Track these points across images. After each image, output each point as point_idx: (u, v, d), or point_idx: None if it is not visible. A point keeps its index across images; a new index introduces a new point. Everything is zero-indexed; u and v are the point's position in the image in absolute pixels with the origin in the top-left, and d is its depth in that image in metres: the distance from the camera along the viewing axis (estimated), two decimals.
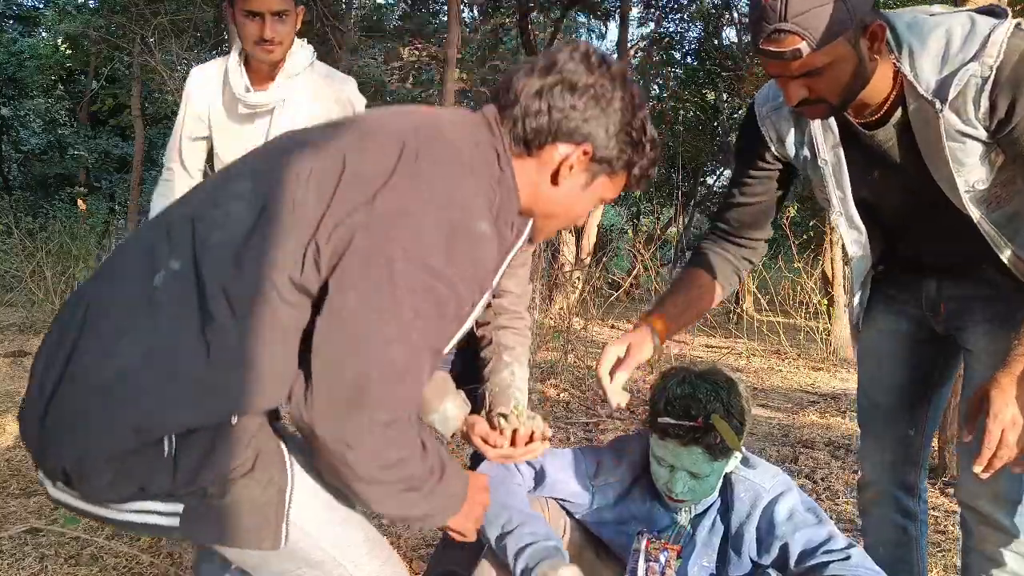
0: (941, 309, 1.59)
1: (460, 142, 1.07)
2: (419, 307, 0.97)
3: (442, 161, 1.03)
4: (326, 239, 0.98)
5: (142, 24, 8.32)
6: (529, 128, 1.10)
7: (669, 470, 1.55)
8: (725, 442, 1.49)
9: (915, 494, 1.74)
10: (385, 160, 1.01)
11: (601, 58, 1.13)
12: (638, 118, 1.14)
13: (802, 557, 1.51)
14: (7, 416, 3.69)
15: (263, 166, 1.08)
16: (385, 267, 0.96)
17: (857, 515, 2.85)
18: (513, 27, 12.33)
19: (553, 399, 4.72)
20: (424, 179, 1.00)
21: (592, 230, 10.36)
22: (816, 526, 1.53)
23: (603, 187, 1.17)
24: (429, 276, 0.97)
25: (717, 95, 13.51)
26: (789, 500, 1.57)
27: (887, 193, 1.52)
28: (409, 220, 0.98)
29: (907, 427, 1.70)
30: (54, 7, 13.12)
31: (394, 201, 0.98)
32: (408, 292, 0.96)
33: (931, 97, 1.31)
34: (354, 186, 0.99)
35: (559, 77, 1.10)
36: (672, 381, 1.56)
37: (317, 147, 1.05)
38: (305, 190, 1.00)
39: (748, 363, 6.62)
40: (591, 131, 1.11)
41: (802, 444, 3.88)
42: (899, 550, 1.74)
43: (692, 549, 1.62)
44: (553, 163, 1.12)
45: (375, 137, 1.05)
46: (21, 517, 2.61)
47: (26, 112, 15.76)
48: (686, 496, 1.55)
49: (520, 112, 1.10)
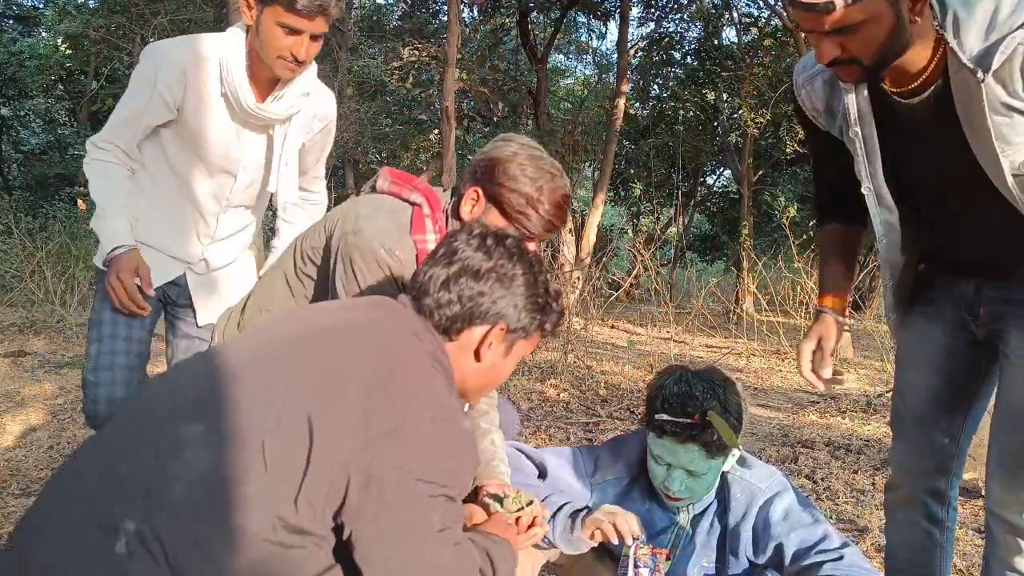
0: (980, 313, 1.51)
1: (412, 350, 1.15)
2: (434, 513, 1.07)
3: (411, 381, 1.10)
4: (320, 483, 1.01)
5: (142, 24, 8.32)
6: (444, 317, 1.21)
7: (666, 468, 1.55)
8: (722, 439, 1.49)
9: (944, 502, 1.66)
10: (352, 418, 1.03)
11: (496, 238, 1.24)
12: (540, 284, 1.25)
13: (796, 557, 1.52)
14: (7, 416, 3.69)
15: (209, 398, 1.05)
16: (397, 488, 1.03)
17: (857, 515, 2.86)
18: (513, 27, 12.33)
19: (553, 399, 4.72)
20: (403, 401, 1.06)
21: (592, 230, 10.36)
22: (811, 526, 1.53)
23: (521, 349, 1.30)
24: (434, 488, 1.06)
25: (717, 95, 13.50)
26: (785, 500, 1.58)
27: (923, 172, 1.44)
28: (403, 439, 1.04)
29: (942, 435, 1.62)
30: (54, 7, 13.12)
31: (383, 431, 1.03)
32: (420, 505, 1.05)
33: (973, 66, 1.22)
34: (330, 446, 1.02)
35: (461, 266, 1.21)
36: (669, 379, 1.56)
37: (271, 395, 1.04)
38: (276, 442, 1.00)
39: (748, 363, 6.61)
40: (501, 310, 1.22)
41: (802, 444, 3.88)
42: (922, 554, 1.67)
43: (692, 550, 1.63)
44: (473, 343, 1.23)
45: (337, 393, 1.05)
46: (21, 517, 2.61)
47: (26, 112, 15.76)
48: (683, 494, 1.55)
49: (432, 303, 1.21)
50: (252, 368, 1.09)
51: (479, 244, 1.23)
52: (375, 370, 1.08)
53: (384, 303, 1.25)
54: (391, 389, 1.06)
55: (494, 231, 1.26)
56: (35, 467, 3.10)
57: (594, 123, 13.48)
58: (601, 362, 5.95)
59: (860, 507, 2.97)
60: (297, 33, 1.69)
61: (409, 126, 12.34)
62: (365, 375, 1.07)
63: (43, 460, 3.15)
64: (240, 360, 1.11)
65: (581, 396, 4.81)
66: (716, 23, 12.96)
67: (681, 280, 12.41)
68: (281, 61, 1.72)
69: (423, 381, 1.11)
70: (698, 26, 13.35)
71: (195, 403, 1.06)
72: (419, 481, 1.04)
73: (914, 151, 1.42)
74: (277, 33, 1.69)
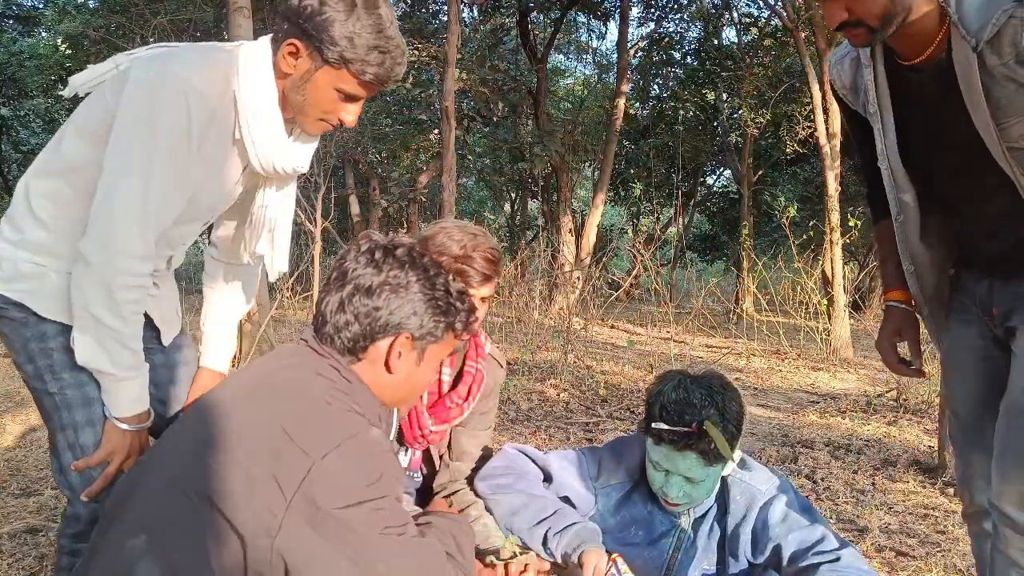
0: (994, 312, 1.51)
1: (309, 390, 1.17)
2: (380, 523, 1.11)
3: (312, 425, 1.12)
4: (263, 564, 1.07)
5: (142, 24, 8.31)
6: (346, 339, 1.22)
7: (664, 474, 1.55)
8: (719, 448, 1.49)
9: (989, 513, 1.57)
10: (268, 497, 1.07)
11: (385, 251, 1.23)
12: (439, 287, 1.25)
13: (794, 558, 1.51)
14: (7, 416, 3.69)
15: (150, 511, 1.10)
16: (336, 528, 1.07)
17: (857, 515, 2.86)
18: (513, 27, 12.33)
19: (553, 399, 4.72)
20: (308, 446, 1.09)
21: (592, 230, 10.36)
22: (809, 527, 1.53)
23: (435, 354, 1.30)
24: (368, 505, 1.10)
25: (717, 95, 13.51)
26: (783, 502, 1.57)
27: (931, 146, 1.46)
28: (317, 483, 1.07)
29: (990, 439, 1.55)
30: (54, 7, 13.11)
31: (295, 487, 1.07)
32: (365, 524, 1.09)
33: (969, 36, 1.27)
34: (257, 532, 1.06)
35: (353, 286, 1.21)
36: (668, 385, 1.56)
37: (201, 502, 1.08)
38: (217, 548, 1.06)
39: (748, 363, 6.61)
40: (401, 320, 1.22)
41: (802, 444, 3.88)
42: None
43: (693, 553, 1.63)
44: (381, 357, 1.24)
45: (247, 483, 1.08)
46: (20, 516, 2.61)
47: (26, 112, 15.76)
48: (682, 500, 1.55)
49: (331, 330, 1.22)
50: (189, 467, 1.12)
51: (368, 260, 1.23)
52: (274, 426, 1.11)
53: (290, 351, 1.28)
54: (296, 441, 1.09)
55: (383, 243, 1.26)
56: (35, 467, 3.10)
57: (594, 123, 13.48)
58: (601, 362, 5.95)
59: (860, 507, 2.97)
60: (354, 100, 1.43)
61: (409, 126, 12.33)
62: (266, 439, 1.10)
63: (43, 460, 3.15)
64: (174, 459, 1.15)
65: (581, 396, 4.81)
66: (716, 23, 12.96)
67: (681, 280, 12.43)
68: (322, 123, 1.44)
69: (322, 418, 1.13)
70: (698, 26, 13.35)
71: (139, 520, 1.11)
72: (349, 507, 1.08)
73: (923, 124, 1.45)
74: (331, 96, 1.40)
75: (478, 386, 1.74)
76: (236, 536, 1.05)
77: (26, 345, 1.36)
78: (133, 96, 1.30)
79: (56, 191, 1.37)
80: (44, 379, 1.37)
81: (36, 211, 1.37)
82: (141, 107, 1.29)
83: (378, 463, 1.13)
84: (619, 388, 5.08)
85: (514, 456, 1.71)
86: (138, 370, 1.37)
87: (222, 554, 1.05)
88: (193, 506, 1.07)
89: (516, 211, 17.76)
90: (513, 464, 1.68)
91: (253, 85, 1.38)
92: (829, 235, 7.58)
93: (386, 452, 1.15)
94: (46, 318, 1.35)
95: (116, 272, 1.30)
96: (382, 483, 1.11)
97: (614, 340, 7.66)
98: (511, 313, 6.45)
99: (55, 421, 1.39)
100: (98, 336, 1.31)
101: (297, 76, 1.39)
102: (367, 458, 1.12)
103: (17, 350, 1.38)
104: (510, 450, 1.73)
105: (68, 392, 1.36)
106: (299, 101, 1.41)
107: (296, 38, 1.36)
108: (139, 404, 1.38)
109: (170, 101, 1.29)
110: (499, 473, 1.68)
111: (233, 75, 1.37)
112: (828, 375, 6.22)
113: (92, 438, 1.37)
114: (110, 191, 1.29)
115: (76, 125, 1.39)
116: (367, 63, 1.35)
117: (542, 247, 7.94)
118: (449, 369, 1.75)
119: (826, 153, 7.47)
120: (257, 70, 1.39)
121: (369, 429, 1.15)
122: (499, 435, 3.88)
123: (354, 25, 1.33)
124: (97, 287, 1.29)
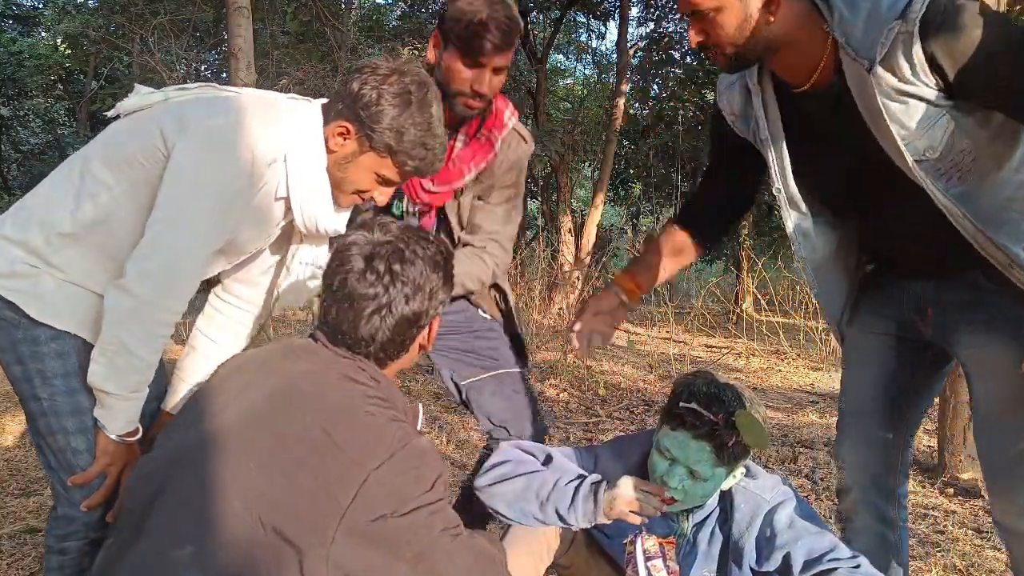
0: (928, 313, 1.53)
1: (348, 399, 1.20)
2: (437, 525, 1.16)
3: (356, 433, 1.15)
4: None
5: (141, 24, 8.31)
6: (380, 350, 1.28)
7: (670, 463, 1.54)
8: (735, 447, 1.48)
9: (893, 500, 1.69)
10: (320, 503, 1.09)
11: (383, 259, 1.25)
12: (441, 262, 1.31)
13: (807, 565, 1.50)
14: (7, 416, 3.69)
15: (196, 525, 1.09)
16: (394, 534, 1.11)
17: None
18: None
19: (553, 399, 4.72)
20: (357, 457, 1.12)
21: (591, 230, 10.35)
22: (819, 534, 1.53)
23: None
24: (423, 510, 1.15)
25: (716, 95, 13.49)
26: (789, 508, 1.57)
27: (837, 170, 1.47)
28: (371, 494, 1.10)
29: (885, 430, 1.66)
30: (53, 7, 13.10)
31: (349, 498, 1.09)
32: (423, 529, 1.14)
33: (861, 57, 1.29)
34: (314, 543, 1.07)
35: (375, 305, 1.24)
36: (699, 379, 1.57)
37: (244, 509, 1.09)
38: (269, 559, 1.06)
39: (748, 363, 6.61)
40: (429, 312, 1.30)
41: (801, 444, 3.88)
42: (878, 559, 1.68)
43: (693, 558, 1.62)
44: (416, 346, 1.34)
45: (296, 493, 1.10)
46: (20, 517, 2.61)
47: (25, 112, 15.74)
48: (678, 494, 1.54)
49: (363, 346, 1.26)
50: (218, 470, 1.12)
51: (376, 277, 1.24)
52: (320, 434, 1.13)
53: (303, 349, 1.29)
54: (347, 451, 1.11)
55: (378, 253, 1.26)
56: (35, 467, 3.09)
57: (594, 123, 13.48)
58: (600, 362, 5.95)
59: None
60: (390, 184, 1.51)
61: None
62: (313, 449, 1.11)
63: None
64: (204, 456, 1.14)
65: (581, 396, 4.81)
66: None
67: (681, 280, 12.42)
68: (355, 198, 1.52)
69: (369, 428, 1.16)
70: None
71: (180, 530, 1.10)
72: (408, 513, 1.12)
73: (821, 147, 1.46)
74: (370, 178, 1.48)
75: (485, 153, 1.75)
76: (290, 547, 1.05)
77: (15, 346, 1.37)
78: (199, 145, 1.35)
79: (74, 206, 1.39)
80: (33, 383, 1.38)
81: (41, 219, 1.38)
82: (206, 159, 1.35)
83: (430, 470, 1.17)
84: (619, 388, 5.08)
85: (510, 450, 1.71)
86: (141, 393, 1.40)
87: (278, 566, 1.04)
88: (240, 518, 1.06)
89: None
90: (509, 455, 1.67)
91: (307, 155, 1.44)
92: None
93: (436, 458, 1.19)
94: (39, 321, 1.35)
95: (161, 310, 1.35)
96: (436, 488, 1.17)
97: (614, 340, 7.64)
98: None
99: (40, 425, 1.40)
100: (117, 360, 1.33)
101: (342, 155, 1.46)
102: (419, 466, 1.16)
103: (5, 349, 1.38)
104: (507, 447, 1.73)
105: (58, 399, 1.38)
106: (339, 177, 1.48)
107: (349, 121, 1.43)
108: (133, 423, 1.41)
109: (235, 157, 1.36)
110: (497, 465, 1.67)
111: (286, 137, 1.42)
112: (827, 375, 6.22)
113: (84, 444, 1.39)
114: (167, 233, 1.34)
115: (107, 145, 1.41)
116: (411, 156, 1.44)
117: (542, 247, 7.93)
118: (463, 136, 1.76)
119: None
120: (311, 140, 1.44)
121: (418, 437, 1.19)
122: None
123: (406, 120, 1.41)
124: (138, 320, 1.34)
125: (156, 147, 1.35)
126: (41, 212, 1.38)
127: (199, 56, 9.13)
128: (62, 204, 1.37)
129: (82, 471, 1.40)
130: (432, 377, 5.05)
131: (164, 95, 1.45)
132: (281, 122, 1.42)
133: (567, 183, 11.57)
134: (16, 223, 1.39)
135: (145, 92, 1.46)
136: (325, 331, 1.28)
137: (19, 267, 1.36)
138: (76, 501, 1.41)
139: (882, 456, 1.67)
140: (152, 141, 1.36)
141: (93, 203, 1.37)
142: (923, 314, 1.54)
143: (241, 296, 1.70)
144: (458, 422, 4.08)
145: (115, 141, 1.40)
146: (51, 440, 1.40)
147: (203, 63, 10.52)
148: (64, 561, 1.43)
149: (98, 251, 1.38)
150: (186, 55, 8.06)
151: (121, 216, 1.37)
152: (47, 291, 1.36)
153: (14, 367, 1.39)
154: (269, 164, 1.41)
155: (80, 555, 1.43)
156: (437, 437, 3.80)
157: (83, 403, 1.38)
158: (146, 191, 1.37)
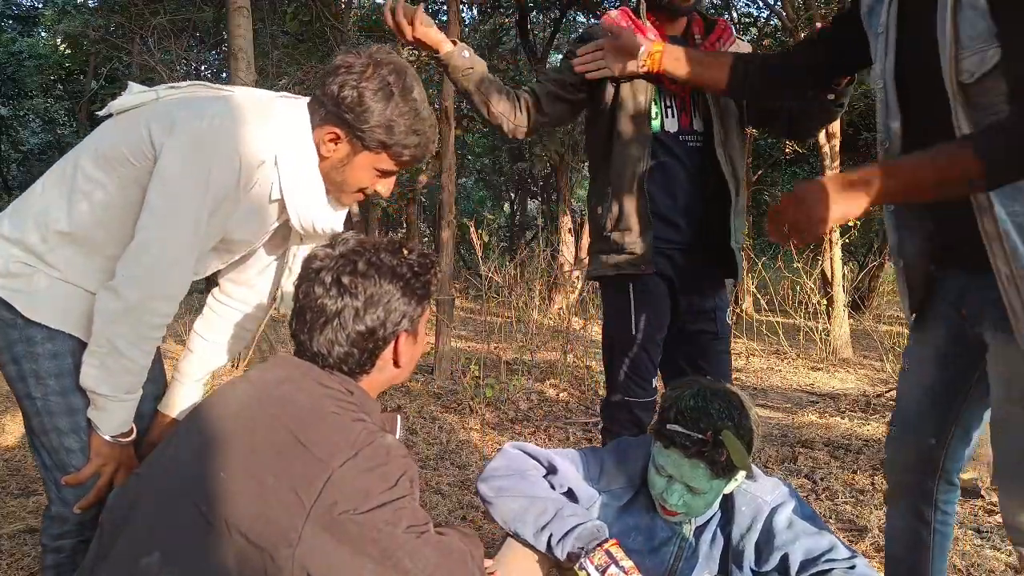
0: (963, 312, 1.50)
1: (317, 402, 1.19)
2: (402, 522, 1.14)
3: (323, 433, 1.15)
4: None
5: (141, 24, 8.31)
6: (352, 365, 1.26)
7: (667, 480, 1.54)
8: (729, 461, 1.48)
9: (931, 503, 1.66)
10: (288, 509, 1.08)
11: (347, 272, 1.24)
12: (407, 274, 1.28)
13: (804, 566, 1.50)
14: (7, 416, 3.69)
15: (164, 523, 1.11)
16: (358, 532, 1.09)
17: (856, 515, 2.86)
18: (512, 27, 12.33)
19: (553, 399, 4.72)
20: (323, 455, 1.11)
21: None
22: (817, 535, 1.53)
23: (423, 323, 1.35)
24: (388, 507, 1.12)
25: None
26: (788, 509, 1.57)
27: (918, 76, 1.43)
28: (336, 489, 1.09)
29: (928, 435, 1.62)
30: (53, 7, 13.11)
31: (314, 497, 1.09)
32: (388, 526, 1.12)
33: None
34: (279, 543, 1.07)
35: (338, 321, 1.23)
36: (686, 392, 1.55)
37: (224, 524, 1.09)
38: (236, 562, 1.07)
39: (748, 363, 6.61)
40: (395, 325, 1.26)
41: (801, 444, 3.88)
42: (910, 554, 1.69)
43: (694, 562, 1.62)
44: (389, 361, 1.30)
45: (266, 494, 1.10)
46: (20, 516, 2.61)
47: (25, 112, 15.74)
48: (680, 509, 1.54)
49: (334, 362, 1.25)
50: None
51: (339, 289, 1.23)
52: (286, 436, 1.13)
53: (284, 362, 1.29)
54: (311, 450, 1.11)
55: (340, 265, 1.25)
56: (34, 467, 3.09)
57: None
58: (601, 362, 5.94)
59: (859, 507, 2.97)
60: (390, 175, 1.52)
61: None
62: (279, 450, 1.12)
63: None
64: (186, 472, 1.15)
65: (581, 396, 4.81)
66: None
67: None
68: (358, 195, 1.53)
69: (335, 428, 1.15)
70: None
71: (149, 536, 1.11)
72: (372, 510, 1.10)
73: (915, 48, 1.44)
74: (369, 174, 1.49)
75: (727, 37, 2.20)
76: (255, 549, 1.05)
77: (12, 346, 1.37)
78: (185, 146, 1.32)
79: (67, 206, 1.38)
80: (27, 382, 1.38)
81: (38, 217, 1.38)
82: (193, 160, 1.32)
83: (396, 467, 1.15)
84: None
85: (514, 455, 1.70)
86: (135, 394, 1.39)
87: (242, 569, 1.05)
88: (207, 521, 1.07)
89: (515, 211, 17.75)
90: (512, 463, 1.67)
91: (297, 155, 1.42)
92: (828, 235, 7.58)
93: (403, 457, 1.18)
94: (33, 321, 1.35)
95: (150, 312, 1.34)
96: (401, 485, 1.14)
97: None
98: (510, 313, 6.45)
99: (35, 424, 1.41)
100: (108, 361, 1.33)
101: (336, 159, 1.46)
102: (385, 463, 1.15)
103: (1, 348, 1.38)
104: (510, 449, 1.72)
105: (52, 399, 1.38)
106: (339, 181, 1.49)
107: (336, 126, 1.42)
108: (127, 424, 1.41)
109: (222, 159, 1.34)
110: (499, 474, 1.66)
111: (274, 137, 1.40)
112: (827, 375, 6.21)
113: (77, 443, 1.39)
114: (154, 235, 1.32)
115: (99, 144, 1.40)
116: (405, 146, 1.44)
117: (541, 247, 7.93)
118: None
119: (825, 153, 7.46)
120: (300, 139, 1.43)
121: (384, 436, 1.17)
122: (499, 435, 3.89)
123: (392, 113, 1.40)
124: (127, 322, 1.33)
125: (144, 147, 1.35)
126: (38, 210, 1.38)
127: (199, 56, 9.13)
128: (58, 203, 1.37)
129: (75, 471, 1.40)
130: (432, 377, 5.05)
131: (155, 94, 1.44)
132: (270, 123, 1.40)
133: (567, 183, 11.57)
134: (13, 222, 1.39)
135: (137, 91, 1.45)
136: (296, 343, 1.29)
137: (14, 266, 1.36)
138: (70, 501, 1.42)
139: (924, 457, 1.64)
140: (140, 141, 1.35)
141: (88, 201, 1.36)
142: (960, 310, 1.51)
143: (239, 298, 1.70)
144: (458, 422, 4.08)
145: (106, 140, 1.39)
146: (45, 439, 1.40)
147: (203, 63, 10.52)
148: (59, 559, 1.44)
149: (94, 250, 1.38)
150: (186, 55, 8.06)
151: (115, 214, 1.37)
152: (40, 289, 1.36)
153: (10, 366, 1.39)
154: (258, 165, 1.39)
155: (75, 554, 1.44)
156: (437, 437, 3.80)
157: (76, 403, 1.38)
158: (136, 190, 1.36)
